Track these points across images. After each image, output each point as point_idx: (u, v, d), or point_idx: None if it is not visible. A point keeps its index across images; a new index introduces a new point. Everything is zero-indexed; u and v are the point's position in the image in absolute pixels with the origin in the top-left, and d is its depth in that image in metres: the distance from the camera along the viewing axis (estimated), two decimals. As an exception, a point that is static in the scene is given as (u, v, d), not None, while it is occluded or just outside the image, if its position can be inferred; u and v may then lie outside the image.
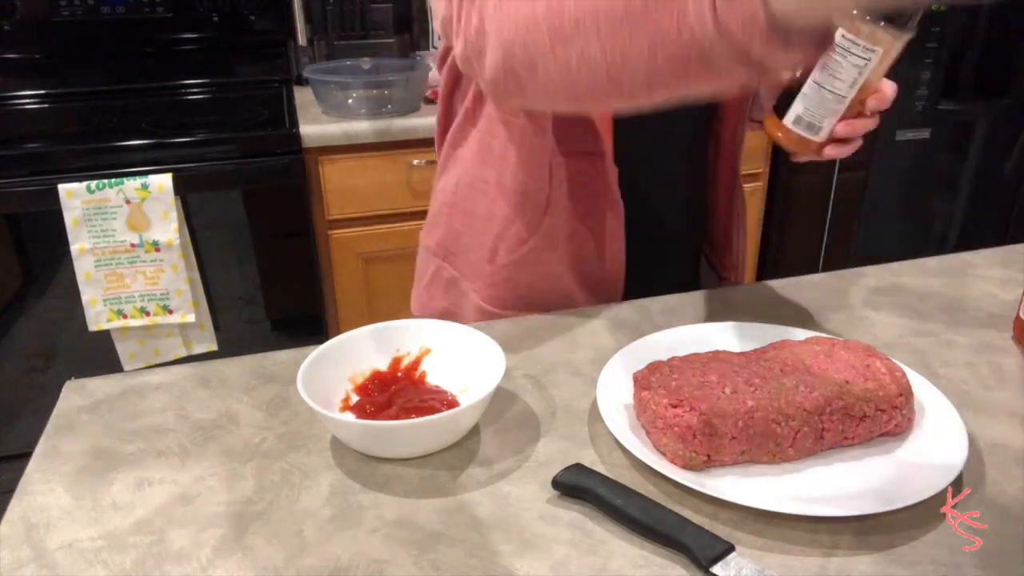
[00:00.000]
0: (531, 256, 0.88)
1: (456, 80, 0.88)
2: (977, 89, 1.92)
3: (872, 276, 0.97)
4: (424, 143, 1.80)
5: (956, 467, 0.59)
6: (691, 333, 0.79)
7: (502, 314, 0.90)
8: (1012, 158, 1.95)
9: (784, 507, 0.56)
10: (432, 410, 0.66)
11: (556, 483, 0.60)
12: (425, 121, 1.79)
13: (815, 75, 0.70)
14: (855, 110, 0.71)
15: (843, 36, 0.67)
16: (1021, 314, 0.82)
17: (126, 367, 1.77)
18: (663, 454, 0.62)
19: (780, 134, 0.74)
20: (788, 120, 0.72)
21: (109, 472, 0.64)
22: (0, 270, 1.71)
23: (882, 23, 0.65)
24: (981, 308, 0.89)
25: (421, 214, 1.04)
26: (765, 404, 0.61)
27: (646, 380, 0.65)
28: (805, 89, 0.71)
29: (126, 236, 1.64)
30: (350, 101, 1.80)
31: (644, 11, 0.50)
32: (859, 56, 0.67)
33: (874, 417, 0.63)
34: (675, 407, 0.61)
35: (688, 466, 0.61)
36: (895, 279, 0.96)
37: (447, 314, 0.95)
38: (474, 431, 0.68)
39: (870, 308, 0.89)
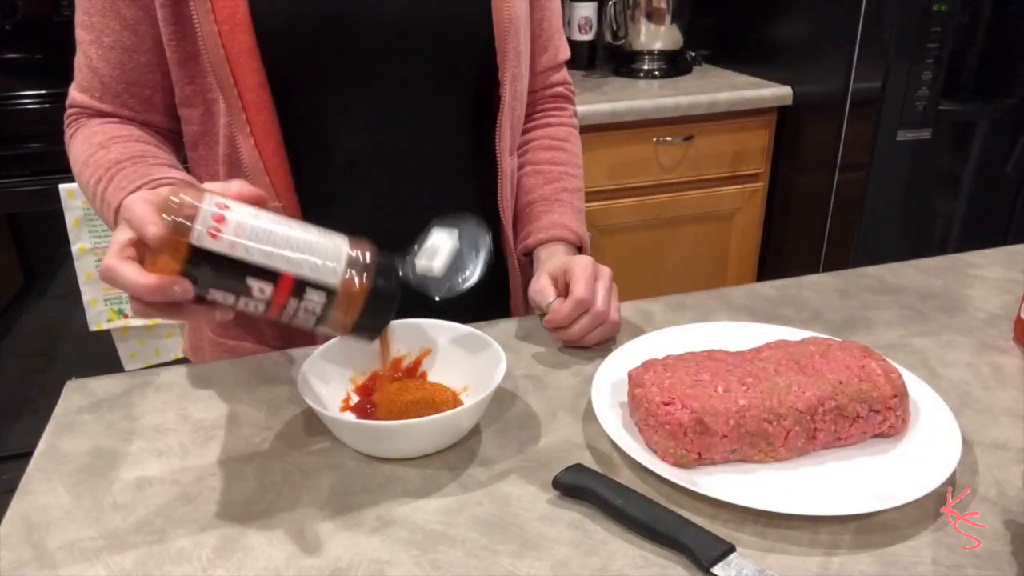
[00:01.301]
0: None
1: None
2: (978, 89, 1.92)
3: (872, 276, 0.97)
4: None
5: (950, 467, 0.59)
6: (690, 333, 0.80)
7: (225, 343, 0.89)
8: (1013, 158, 1.95)
9: (784, 507, 0.56)
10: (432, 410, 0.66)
11: (556, 483, 0.60)
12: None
13: None
14: None
15: None
16: (1022, 314, 0.82)
17: (127, 367, 1.77)
18: (655, 452, 0.62)
19: None
20: None
21: (110, 472, 0.64)
22: (1, 270, 1.71)
23: None
24: (981, 308, 0.89)
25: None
26: (757, 403, 0.61)
27: (640, 378, 0.65)
28: None
29: (127, 236, 1.64)
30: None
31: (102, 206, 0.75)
32: None
33: (868, 418, 0.63)
34: (667, 404, 0.61)
35: (679, 463, 0.61)
36: (895, 279, 0.96)
37: (194, 350, 0.96)
38: (474, 431, 0.68)
39: (870, 308, 0.89)
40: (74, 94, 0.82)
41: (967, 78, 1.91)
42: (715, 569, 0.52)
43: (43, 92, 1.80)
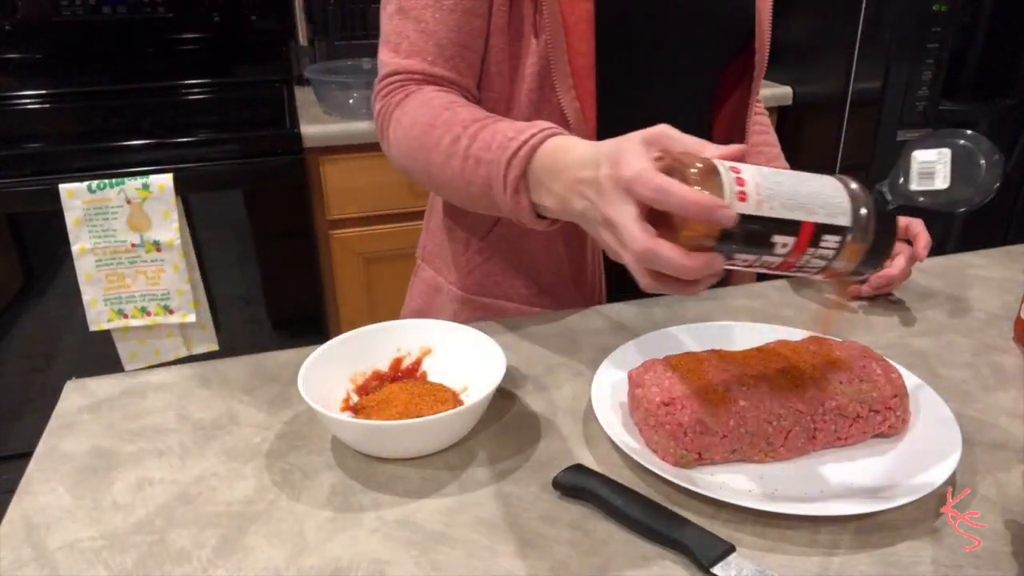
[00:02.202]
0: (502, 242, 0.90)
1: None
2: (978, 89, 1.92)
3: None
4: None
5: (950, 467, 0.59)
6: (690, 333, 0.79)
7: (479, 300, 0.93)
8: (1012, 158, 1.95)
9: (784, 507, 0.56)
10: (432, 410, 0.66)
11: (557, 483, 0.60)
12: (426, 121, 1.79)
13: None
14: None
15: None
16: (1022, 314, 0.82)
17: (127, 367, 1.77)
18: (655, 451, 0.62)
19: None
20: None
21: (110, 472, 0.64)
22: (1, 270, 1.71)
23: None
24: (981, 308, 0.89)
25: (421, 214, 1.04)
26: (757, 403, 0.61)
27: (640, 378, 0.65)
28: None
29: (127, 236, 1.65)
30: (351, 101, 1.80)
31: (481, 196, 0.73)
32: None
33: (867, 418, 0.63)
34: (667, 405, 0.61)
35: (679, 463, 0.61)
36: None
37: (419, 313, 1.00)
38: (474, 431, 0.68)
39: (870, 308, 0.89)
40: (400, 61, 0.81)
41: (967, 78, 1.91)
42: (715, 569, 0.52)
43: (43, 92, 1.80)
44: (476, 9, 0.79)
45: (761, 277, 0.79)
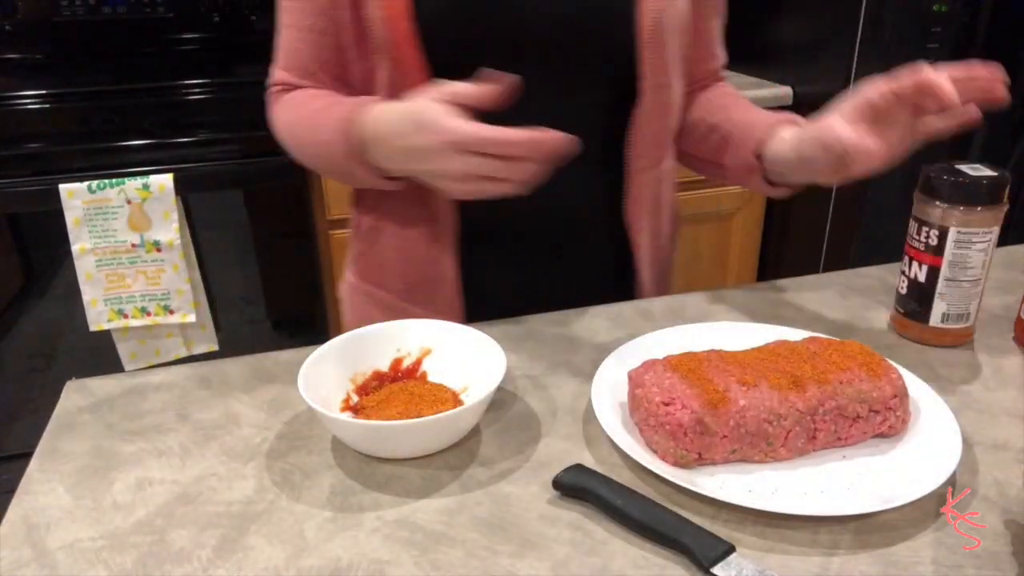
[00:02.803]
0: (373, 230, 0.92)
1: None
2: (978, 89, 1.92)
3: (872, 276, 0.97)
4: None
5: (950, 467, 0.59)
6: (690, 333, 0.80)
7: (364, 287, 0.95)
8: (1013, 158, 1.95)
9: (784, 507, 0.56)
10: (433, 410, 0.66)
11: (556, 483, 0.60)
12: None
13: (947, 273, 0.78)
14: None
15: (959, 232, 0.77)
16: (1022, 315, 0.82)
17: (127, 367, 1.77)
18: (655, 452, 0.62)
19: (927, 336, 0.81)
20: (935, 320, 0.80)
21: (110, 472, 0.64)
22: (1, 270, 1.71)
23: (976, 206, 0.76)
24: (982, 309, 0.89)
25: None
26: (757, 403, 0.61)
27: (640, 378, 0.65)
28: (941, 289, 0.79)
29: (127, 236, 1.65)
30: (351, 101, 1.80)
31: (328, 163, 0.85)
32: (982, 241, 0.78)
33: (868, 418, 0.63)
34: (667, 404, 0.61)
35: (679, 464, 0.61)
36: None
37: (341, 302, 1.02)
38: (474, 431, 0.68)
39: (870, 308, 0.89)
40: (277, 73, 0.90)
41: (967, 78, 1.91)
42: (715, 569, 0.52)
43: (43, 92, 1.80)
44: (326, 29, 0.84)
45: (760, 277, 0.78)
